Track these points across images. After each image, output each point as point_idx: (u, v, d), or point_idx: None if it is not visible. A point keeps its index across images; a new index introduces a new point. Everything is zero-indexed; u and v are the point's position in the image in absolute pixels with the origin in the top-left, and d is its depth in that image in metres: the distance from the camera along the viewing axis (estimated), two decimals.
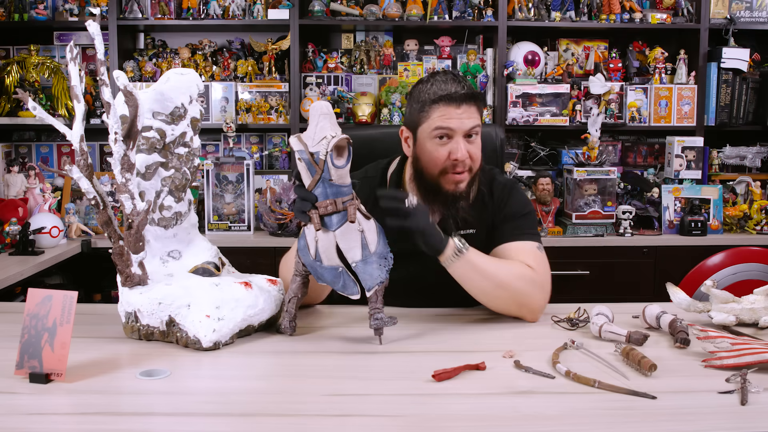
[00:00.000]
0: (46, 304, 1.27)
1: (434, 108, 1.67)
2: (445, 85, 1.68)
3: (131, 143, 1.38)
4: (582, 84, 3.65)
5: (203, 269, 1.56)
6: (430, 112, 1.68)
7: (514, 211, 1.76)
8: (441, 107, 1.67)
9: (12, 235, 2.90)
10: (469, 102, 1.67)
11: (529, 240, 1.71)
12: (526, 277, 1.61)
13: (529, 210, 1.80)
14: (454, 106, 1.66)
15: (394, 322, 1.48)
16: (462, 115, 1.66)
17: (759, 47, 3.73)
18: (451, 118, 1.66)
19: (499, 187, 1.81)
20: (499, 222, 1.76)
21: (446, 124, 1.66)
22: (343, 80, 3.68)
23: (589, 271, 3.25)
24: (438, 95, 1.67)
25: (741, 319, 1.55)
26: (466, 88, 1.68)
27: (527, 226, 1.75)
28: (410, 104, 1.75)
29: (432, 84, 1.70)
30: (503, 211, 1.77)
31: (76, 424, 1.12)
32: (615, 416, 1.13)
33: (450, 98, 1.66)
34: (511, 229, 1.73)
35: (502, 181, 1.83)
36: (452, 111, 1.66)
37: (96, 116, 3.55)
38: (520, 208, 1.78)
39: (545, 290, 1.66)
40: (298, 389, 1.25)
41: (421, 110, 1.70)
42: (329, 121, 1.44)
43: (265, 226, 3.33)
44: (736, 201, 3.51)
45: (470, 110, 1.68)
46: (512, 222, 1.75)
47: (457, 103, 1.66)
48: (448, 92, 1.66)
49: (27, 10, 3.56)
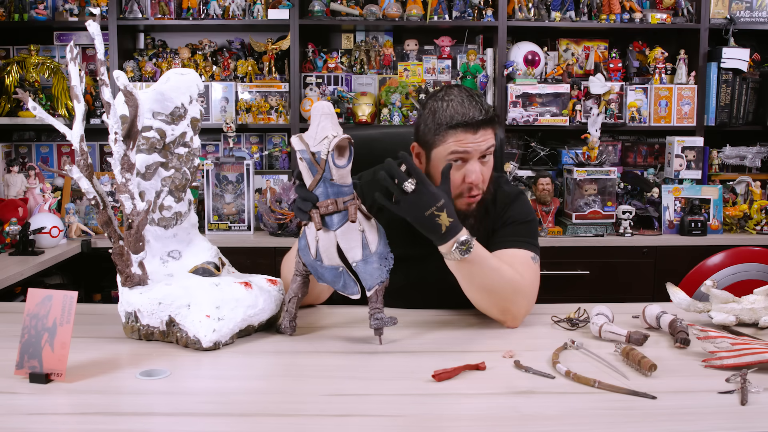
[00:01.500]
0: (46, 304, 1.27)
1: (451, 133, 1.62)
2: (462, 108, 1.61)
3: (131, 143, 1.38)
4: (582, 84, 3.65)
5: (203, 269, 1.56)
6: (446, 136, 1.62)
7: (514, 218, 1.74)
8: (459, 133, 1.61)
9: (12, 235, 2.90)
10: (486, 126, 1.63)
11: (525, 248, 1.68)
12: (516, 285, 1.59)
13: (530, 219, 1.76)
14: (471, 132, 1.61)
15: (394, 322, 1.48)
16: (479, 140, 1.62)
17: (759, 47, 3.73)
18: (468, 143, 1.62)
19: (503, 195, 1.78)
20: (498, 227, 1.74)
21: (463, 148, 1.62)
22: (343, 80, 3.68)
23: (589, 271, 3.25)
24: (456, 121, 1.61)
25: (741, 319, 1.55)
26: (483, 112, 1.62)
27: (526, 234, 1.72)
28: (423, 122, 1.68)
29: (448, 105, 1.63)
30: (503, 217, 1.75)
31: (76, 424, 1.12)
32: (615, 416, 1.13)
33: (468, 125, 1.61)
34: (509, 234, 1.71)
35: (508, 190, 1.80)
36: (469, 136, 1.61)
37: (96, 116, 3.55)
38: (521, 215, 1.75)
39: (530, 301, 1.64)
40: (298, 389, 1.25)
41: (437, 132, 1.64)
42: (331, 121, 1.44)
43: (265, 226, 3.33)
44: (736, 201, 3.51)
45: (487, 133, 1.63)
46: (511, 227, 1.73)
47: (474, 129, 1.61)
48: (465, 118, 1.60)
49: (27, 10, 3.56)
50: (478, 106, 1.63)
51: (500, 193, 1.78)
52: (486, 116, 1.62)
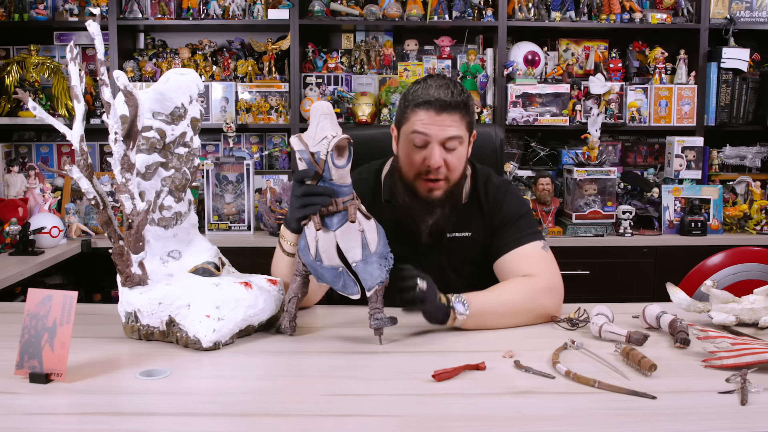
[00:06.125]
0: (46, 304, 1.27)
1: (415, 112, 1.66)
2: (433, 90, 1.65)
3: (131, 143, 1.38)
4: (582, 84, 3.65)
5: (203, 269, 1.56)
6: (410, 115, 1.67)
7: (511, 214, 1.75)
8: (421, 112, 1.65)
9: (12, 235, 2.90)
10: (451, 111, 1.64)
11: (531, 241, 1.70)
12: (533, 292, 1.61)
13: (526, 209, 1.78)
14: (434, 113, 1.63)
15: (394, 322, 1.48)
16: (442, 123, 1.63)
17: (759, 47, 3.73)
18: (429, 125, 1.64)
19: (493, 188, 1.79)
20: (498, 226, 1.75)
21: (423, 129, 1.64)
22: (343, 80, 3.68)
23: (589, 271, 3.25)
24: (421, 99, 1.65)
25: (741, 319, 1.55)
26: (452, 96, 1.64)
27: (526, 226, 1.74)
28: (400, 103, 1.74)
29: (422, 87, 1.68)
30: (500, 214, 1.76)
31: (76, 424, 1.12)
32: (615, 416, 1.13)
33: (430, 104, 1.63)
34: (511, 234, 1.72)
35: (497, 182, 1.81)
36: (432, 117, 1.64)
37: (96, 116, 3.55)
38: (516, 208, 1.76)
39: (556, 292, 1.65)
40: (298, 389, 1.25)
41: (404, 111, 1.69)
42: (330, 121, 1.44)
43: (265, 226, 3.33)
44: (736, 201, 3.51)
45: (453, 119, 1.64)
46: (511, 226, 1.73)
47: (437, 110, 1.63)
48: (430, 98, 1.63)
49: (27, 10, 3.56)
50: (448, 92, 1.64)
51: (490, 186, 1.80)
52: (451, 100, 1.63)
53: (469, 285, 1.64)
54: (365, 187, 1.79)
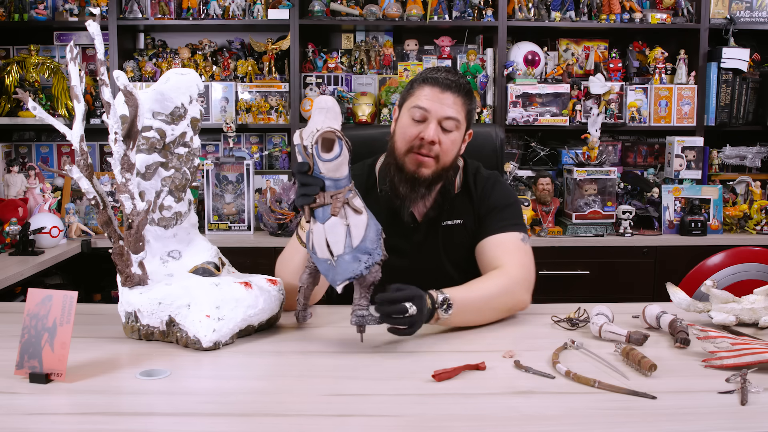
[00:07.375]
0: (46, 304, 1.27)
1: (420, 87, 1.74)
2: (441, 72, 1.75)
3: (131, 143, 1.38)
4: (582, 84, 3.65)
5: (203, 269, 1.56)
6: (415, 90, 1.75)
7: (497, 203, 1.81)
8: (426, 88, 1.73)
9: (12, 235, 2.90)
10: (454, 91, 1.72)
11: (512, 231, 1.75)
12: (510, 286, 1.63)
13: (512, 201, 1.84)
14: (438, 90, 1.71)
15: (377, 321, 1.44)
16: (444, 101, 1.71)
17: (759, 47, 3.73)
18: (431, 101, 1.71)
19: (482, 179, 1.86)
20: (484, 214, 1.81)
21: (425, 104, 1.71)
22: (343, 80, 3.68)
23: (589, 271, 3.25)
24: (428, 76, 1.74)
25: (741, 319, 1.55)
26: (458, 80, 1.73)
27: (511, 216, 1.79)
28: (406, 85, 1.82)
29: (430, 70, 1.78)
30: (487, 203, 1.81)
31: (76, 424, 1.12)
32: (615, 416, 1.13)
33: (436, 81, 1.72)
34: (495, 221, 1.78)
35: (486, 174, 1.88)
36: (435, 94, 1.71)
37: (96, 116, 3.55)
38: (503, 199, 1.82)
39: (527, 286, 1.68)
40: (298, 389, 1.25)
41: (410, 89, 1.77)
42: (324, 115, 1.43)
43: (265, 226, 3.33)
44: (736, 201, 3.51)
45: (454, 100, 1.72)
46: (497, 214, 1.79)
47: (441, 88, 1.71)
48: (437, 76, 1.73)
49: (27, 10, 3.56)
50: (456, 76, 1.75)
51: (479, 177, 1.87)
52: (456, 81, 1.73)
53: (461, 269, 1.78)
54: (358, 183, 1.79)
